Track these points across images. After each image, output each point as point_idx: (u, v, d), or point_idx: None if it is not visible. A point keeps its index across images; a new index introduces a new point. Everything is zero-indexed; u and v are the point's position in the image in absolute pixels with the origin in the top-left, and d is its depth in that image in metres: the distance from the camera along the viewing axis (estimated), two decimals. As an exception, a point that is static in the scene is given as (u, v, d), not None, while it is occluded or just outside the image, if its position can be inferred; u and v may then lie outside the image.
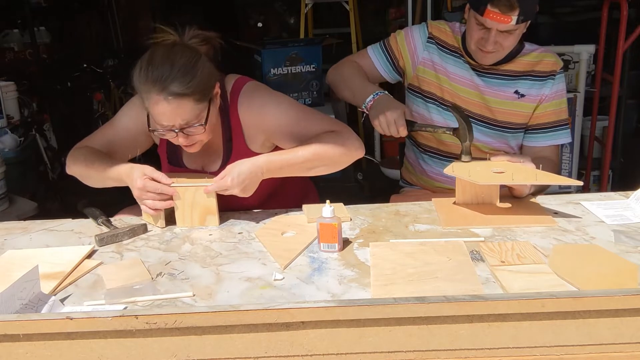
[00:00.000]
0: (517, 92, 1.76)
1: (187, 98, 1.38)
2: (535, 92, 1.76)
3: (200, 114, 1.43)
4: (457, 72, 1.80)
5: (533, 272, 1.14)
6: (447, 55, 1.82)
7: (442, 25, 1.86)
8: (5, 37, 5.03)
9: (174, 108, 1.38)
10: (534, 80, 1.76)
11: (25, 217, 2.68)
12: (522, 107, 1.77)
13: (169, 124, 1.42)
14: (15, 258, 1.33)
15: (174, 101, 1.37)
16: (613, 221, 1.38)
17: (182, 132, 1.43)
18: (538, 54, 1.78)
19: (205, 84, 1.42)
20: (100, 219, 1.52)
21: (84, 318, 0.90)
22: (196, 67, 1.41)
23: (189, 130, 1.43)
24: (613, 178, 3.37)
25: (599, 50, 3.19)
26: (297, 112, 1.58)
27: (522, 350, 0.93)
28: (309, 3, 4.07)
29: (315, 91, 3.59)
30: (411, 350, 0.93)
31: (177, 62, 1.39)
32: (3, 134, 3.40)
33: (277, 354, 0.93)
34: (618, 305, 0.90)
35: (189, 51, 1.44)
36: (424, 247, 1.28)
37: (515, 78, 1.77)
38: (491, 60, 1.73)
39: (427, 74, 1.83)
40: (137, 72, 1.41)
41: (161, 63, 1.38)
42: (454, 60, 1.81)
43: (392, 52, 1.88)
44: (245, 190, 1.45)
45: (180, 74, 1.37)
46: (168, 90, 1.36)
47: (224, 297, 1.12)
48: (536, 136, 1.81)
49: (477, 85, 1.79)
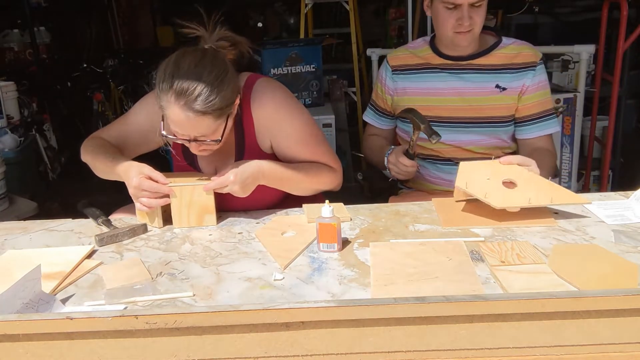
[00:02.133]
0: (498, 86, 1.78)
1: (207, 116, 1.36)
2: (516, 84, 1.77)
3: (217, 129, 1.42)
4: (428, 85, 1.84)
5: (533, 272, 1.14)
6: (413, 74, 1.87)
7: (399, 53, 1.93)
8: (5, 37, 5.03)
9: (193, 124, 1.37)
10: (514, 73, 1.78)
11: (25, 217, 2.69)
12: (504, 100, 1.79)
13: (183, 134, 1.41)
14: (16, 258, 1.33)
15: (193, 118, 1.36)
16: (613, 221, 1.38)
17: (195, 141, 1.43)
18: (516, 46, 1.81)
19: (227, 100, 1.40)
20: (100, 219, 1.52)
21: (84, 318, 0.90)
22: (222, 84, 1.38)
23: (203, 142, 1.43)
24: (613, 178, 3.38)
25: (599, 50, 3.19)
26: (307, 134, 1.58)
27: (522, 350, 0.93)
28: (309, 3, 4.07)
29: (315, 91, 3.59)
30: (411, 350, 0.93)
31: (204, 78, 1.35)
32: (3, 134, 3.40)
33: (277, 354, 0.93)
34: (618, 305, 0.90)
35: (218, 64, 1.40)
36: (424, 247, 1.28)
37: (495, 71, 1.78)
38: (468, 40, 1.74)
39: (403, 101, 1.88)
40: (161, 77, 1.37)
41: (188, 75, 1.35)
42: (422, 75, 1.85)
43: (378, 107, 1.99)
44: (244, 189, 1.44)
45: (205, 92, 1.34)
46: (190, 107, 1.34)
47: (224, 297, 1.12)
48: (526, 128, 1.82)
49: (456, 88, 1.80)
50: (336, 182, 1.63)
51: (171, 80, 1.35)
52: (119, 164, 1.49)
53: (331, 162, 1.62)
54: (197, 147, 1.46)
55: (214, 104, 1.36)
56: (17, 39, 5.02)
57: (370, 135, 2.04)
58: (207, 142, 1.44)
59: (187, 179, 1.51)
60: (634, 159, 3.43)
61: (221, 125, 1.43)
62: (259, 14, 6.94)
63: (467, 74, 1.80)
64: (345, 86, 4.02)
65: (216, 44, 1.48)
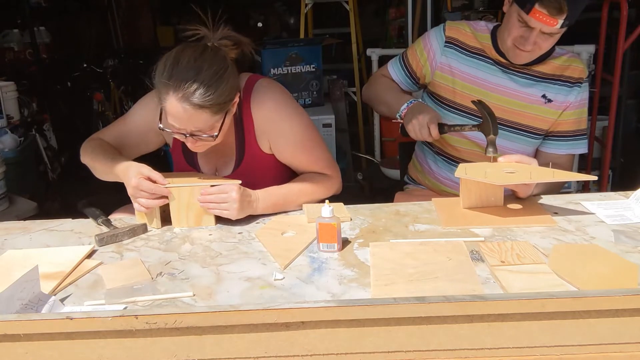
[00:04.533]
0: (544, 97, 1.72)
1: (204, 110, 1.36)
2: (562, 98, 1.72)
3: (214, 125, 1.42)
4: (478, 75, 1.76)
5: (533, 272, 1.14)
6: (467, 57, 1.78)
7: (461, 27, 1.81)
8: (5, 37, 5.03)
9: (190, 116, 1.37)
10: (562, 86, 1.73)
11: (25, 217, 2.68)
12: (547, 113, 1.73)
13: (180, 128, 1.41)
14: (15, 258, 1.33)
15: (190, 110, 1.36)
16: (613, 221, 1.38)
17: (191, 136, 1.43)
18: (567, 58, 1.75)
19: (226, 97, 1.40)
20: (100, 219, 1.52)
21: (84, 318, 0.90)
22: (221, 80, 1.38)
23: (199, 137, 1.43)
24: (613, 178, 3.38)
25: (599, 50, 3.19)
26: (306, 137, 1.59)
27: (522, 350, 0.93)
28: (309, 3, 4.07)
29: (315, 91, 3.60)
30: (411, 350, 0.93)
31: (204, 72, 1.36)
32: (3, 134, 3.40)
33: (277, 354, 0.93)
34: (618, 305, 0.90)
35: (218, 60, 1.40)
36: (424, 247, 1.28)
37: (544, 80, 1.73)
38: (524, 59, 1.69)
39: (444, 79, 1.79)
40: (161, 68, 1.38)
41: (187, 67, 1.36)
42: (475, 62, 1.77)
43: (409, 65, 1.86)
44: (239, 211, 1.44)
45: (203, 85, 1.35)
46: (187, 99, 1.34)
47: (224, 297, 1.12)
48: (555, 143, 1.77)
49: (503, 87, 1.74)
50: (333, 189, 1.62)
51: (170, 73, 1.35)
52: (118, 165, 1.49)
53: (328, 168, 1.62)
54: (193, 143, 1.45)
55: (211, 98, 1.36)
56: (17, 39, 5.01)
57: (383, 77, 1.92)
58: (203, 138, 1.43)
59: (186, 179, 1.51)
60: (634, 159, 3.43)
61: (218, 121, 1.42)
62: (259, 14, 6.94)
63: (519, 77, 1.74)
64: (345, 86, 4.02)
65: (219, 43, 1.48)
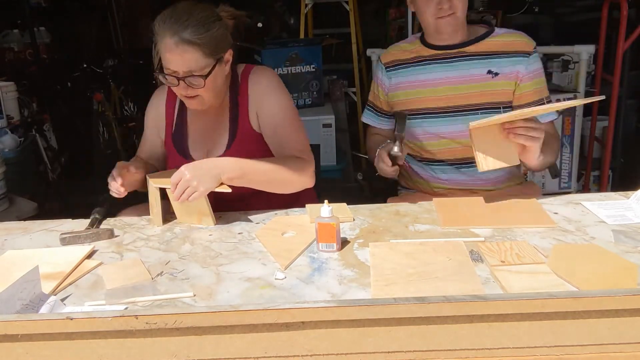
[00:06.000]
0: (490, 72, 1.77)
1: (195, 47, 1.46)
2: (508, 70, 1.76)
3: (204, 68, 1.50)
4: (422, 77, 1.83)
5: (533, 272, 1.14)
6: (406, 69, 1.87)
7: (392, 50, 1.94)
8: (5, 37, 5.03)
9: (181, 53, 1.46)
10: (507, 58, 1.77)
11: (25, 217, 2.68)
12: (498, 86, 1.77)
13: (174, 69, 1.49)
14: (16, 258, 1.33)
15: (182, 46, 1.46)
16: (613, 221, 1.38)
17: (183, 81, 1.50)
18: (509, 34, 1.81)
19: (216, 40, 1.51)
20: (94, 216, 1.53)
21: (84, 318, 0.90)
22: (212, 24, 1.50)
23: (190, 80, 1.50)
24: (613, 178, 3.38)
25: (599, 50, 3.19)
26: (290, 116, 1.66)
27: (522, 350, 0.93)
28: (309, 3, 4.07)
29: (315, 91, 3.59)
30: (411, 351, 0.93)
31: (196, 15, 1.48)
32: (3, 134, 3.40)
33: (277, 354, 0.93)
34: (618, 305, 0.90)
35: (211, 11, 1.53)
36: (424, 247, 1.28)
37: (487, 57, 1.78)
38: (451, 25, 1.74)
39: (396, 96, 1.89)
40: (159, 18, 1.50)
41: (181, 12, 1.49)
42: (415, 68, 1.85)
43: (375, 106, 2.00)
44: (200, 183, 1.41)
45: (194, 24, 1.46)
46: (179, 35, 1.45)
47: (224, 297, 1.12)
48: None
49: (447, 78, 1.79)
50: (306, 174, 1.59)
51: (165, 17, 1.49)
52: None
53: (304, 153, 1.63)
54: (185, 90, 1.52)
55: (203, 37, 1.47)
56: (17, 39, 5.02)
57: (373, 134, 2.04)
58: (194, 79, 1.50)
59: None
60: (634, 159, 3.43)
61: (209, 65, 1.51)
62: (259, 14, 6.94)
63: (457, 63, 1.80)
64: (345, 86, 4.02)
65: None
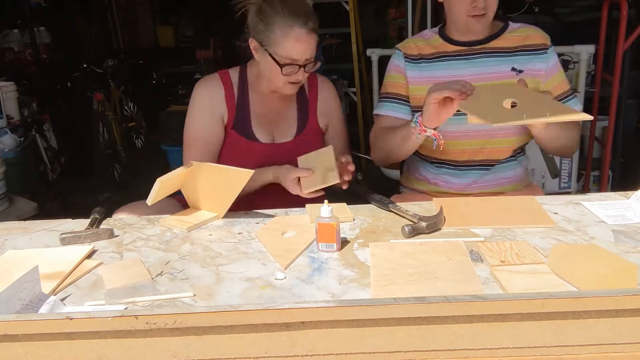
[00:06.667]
0: (514, 69, 1.76)
1: (315, 35, 1.62)
2: (531, 66, 1.76)
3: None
4: (446, 74, 1.78)
5: (533, 272, 1.14)
6: (429, 64, 1.82)
7: (411, 43, 1.87)
8: (5, 37, 5.03)
9: (311, 42, 1.60)
10: (528, 55, 1.77)
11: (25, 217, 2.69)
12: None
13: (302, 58, 1.62)
14: (15, 258, 1.33)
15: (312, 34, 1.60)
16: (613, 221, 1.38)
17: (304, 68, 1.64)
18: (524, 28, 1.81)
19: None
20: (93, 216, 1.53)
21: (84, 318, 0.90)
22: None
23: (310, 66, 1.66)
24: (613, 178, 3.38)
25: (599, 50, 3.19)
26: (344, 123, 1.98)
27: (522, 350, 0.93)
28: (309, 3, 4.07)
29: (315, 91, 3.58)
30: (411, 351, 0.93)
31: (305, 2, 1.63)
32: (3, 134, 3.40)
33: (277, 354, 0.93)
34: (618, 305, 0.90)
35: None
36: (423, 247, 1.28)
37: (509, 54, 1.77)
38: (482, 25, 1.72)
39: (418, 90, 1.81)
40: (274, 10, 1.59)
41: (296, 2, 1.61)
42: (439, 64, 1.81)
43: (399, 96, 1.85)
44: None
45: (312, 12, 1.61)
46: (308, 25, 1.58)
47: (224, 297, 1.12)
48: None
49: (473, 75, 1.76)
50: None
51: (285, 7, 1.58)
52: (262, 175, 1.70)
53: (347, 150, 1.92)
54: (303, 76, 1.67)
55: (317, 22, 1.62)
56: (17, 39, 5.02)
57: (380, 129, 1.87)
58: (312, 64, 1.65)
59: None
60: (634, 159, 3.43)
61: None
62: (258, 14, 6.92)
63: (481, 59, 1.78)
64: (345, 86, 4.03)
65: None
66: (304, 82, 1.73)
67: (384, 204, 1.53)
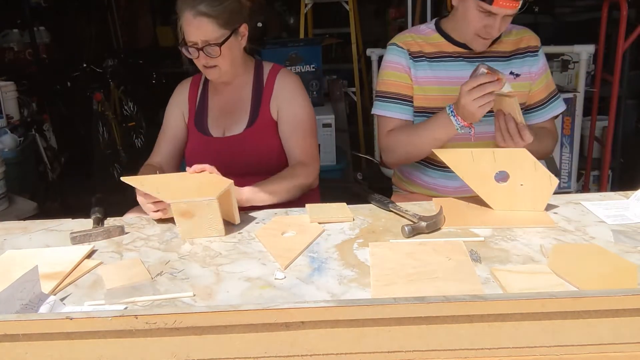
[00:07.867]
0: (512, 73, 1.77)
1: (210, 18, 1.65)
2: (526, 69, 1.78)
3: (219, 37, 1.68)
4: (448, 74, 1.76)
5: (533, 272, 1.14)
6: (430, 63, 1.78)
7: (410, 39, 1.79)
8: (5, 37, 5.03)
9: (198, 24, 1.65)
10: (522, 58, 1.78)
11: (25, 217, 2.68)
12: (520, 87, 1.76)
13: (194, 40, 1.68)
14: (15, 258, 1.33)
15: (199, 17, 1.64)
16: (614, 221, 1.38)
17: (202, 51, 1.68)
18: (517, 31, 1.81)
19: (229, 13, 1.68)
20: (95, 215, 1.53)
21: (84, 318, 0.90)
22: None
23: (208, 50, 1.68)
24: (613, 178, 3.38)
25: (599, 50, 3.19)
26: (308, 122, 1.82)
27: (522, 350, 0.93)
28: (309, 3, 4.07)
29: (315, 91, 3.59)
30: (411, 350, 0.93)
31: None
32: (3, 134, 3.40)
33: (277, 354, 0.93)
34: (618, 305, 0.90)
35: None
36: (423, 247, 1.28)
37: (507, 58, 1.78)
38: (484, 47, 1.73)
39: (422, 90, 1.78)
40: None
41: None
42: (440, 64, 1.77)
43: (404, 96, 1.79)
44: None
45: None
46: (196, 9, 1.64)
47: (224, 297, 1.12)
48: (537, 114, 1.82)
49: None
50: (311, 178, 1.75)
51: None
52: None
53: (313, 157, 1.80)
54: (205, 59, 1.71)
55: (217, 9, 1.65)
56: (17, 39, 5.02)
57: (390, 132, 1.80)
58: (211, 48, 1.68)
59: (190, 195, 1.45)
60: (634, 159, 3.43)
61: (224, 35, 1.68)
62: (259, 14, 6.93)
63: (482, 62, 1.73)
64: (345, 86, 4.02)
65: None
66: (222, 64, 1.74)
67: (383, 204, 1.53)
